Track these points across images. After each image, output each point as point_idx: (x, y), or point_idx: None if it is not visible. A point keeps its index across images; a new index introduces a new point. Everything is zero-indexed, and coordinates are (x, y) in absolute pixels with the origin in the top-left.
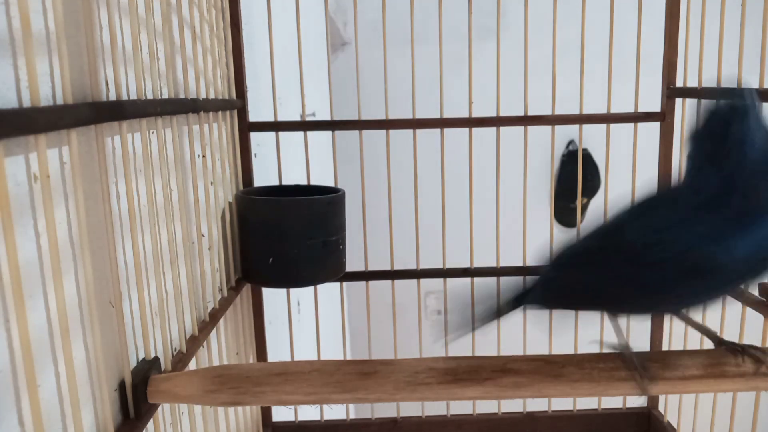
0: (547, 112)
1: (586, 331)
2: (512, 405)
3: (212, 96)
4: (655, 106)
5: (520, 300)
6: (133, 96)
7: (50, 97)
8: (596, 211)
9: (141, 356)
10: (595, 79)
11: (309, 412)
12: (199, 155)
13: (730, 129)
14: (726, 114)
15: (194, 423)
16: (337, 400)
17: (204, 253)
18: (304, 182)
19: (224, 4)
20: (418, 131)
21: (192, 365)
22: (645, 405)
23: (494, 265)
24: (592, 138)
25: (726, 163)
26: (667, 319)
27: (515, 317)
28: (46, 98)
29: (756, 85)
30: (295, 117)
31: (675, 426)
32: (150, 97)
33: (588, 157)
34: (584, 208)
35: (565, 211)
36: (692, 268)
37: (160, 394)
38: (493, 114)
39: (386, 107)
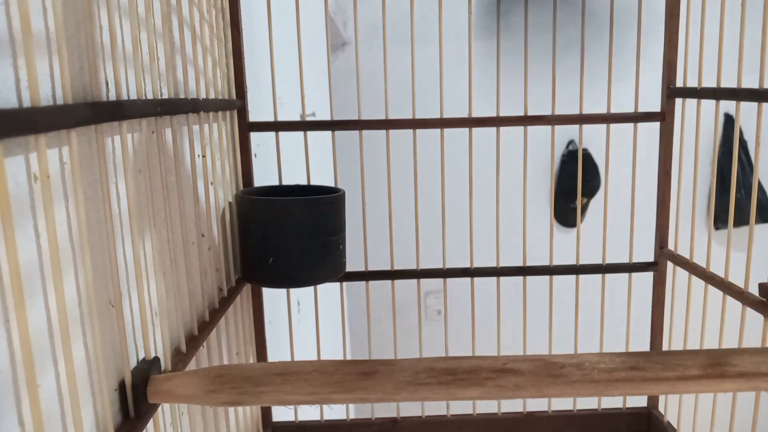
0: (547, 112)
1: (587, 331)
2: (512, 405)
3: (212, 96)
4: (655, 106)
5: None
6: (133, 96)
7: (50, 97)
8: (596, 210)
9: (141, 356)
10: (595, 79)
11: (309, 412)
12: (199, 155)
13: None
14: None
15: (194, 423)
16: (337, 400)
17: (204, 253)
18: (304, 182)
19: (224, 4)
20: (418, 131)
21: (192, 365)
22: (645, 405)
23: (494, 265)
24: (592, 138)
25: None
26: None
27: (515, 317)
28: (46, 98)
29: (756, 85)
30: (295, 117)
31: (675, 426)
32: (150, 97)
33: (588, 157)
34: (584, 208)
35: (565, 211)
36: None
37: (160, 394)
38: (493, 114)
39: (386, 107)
